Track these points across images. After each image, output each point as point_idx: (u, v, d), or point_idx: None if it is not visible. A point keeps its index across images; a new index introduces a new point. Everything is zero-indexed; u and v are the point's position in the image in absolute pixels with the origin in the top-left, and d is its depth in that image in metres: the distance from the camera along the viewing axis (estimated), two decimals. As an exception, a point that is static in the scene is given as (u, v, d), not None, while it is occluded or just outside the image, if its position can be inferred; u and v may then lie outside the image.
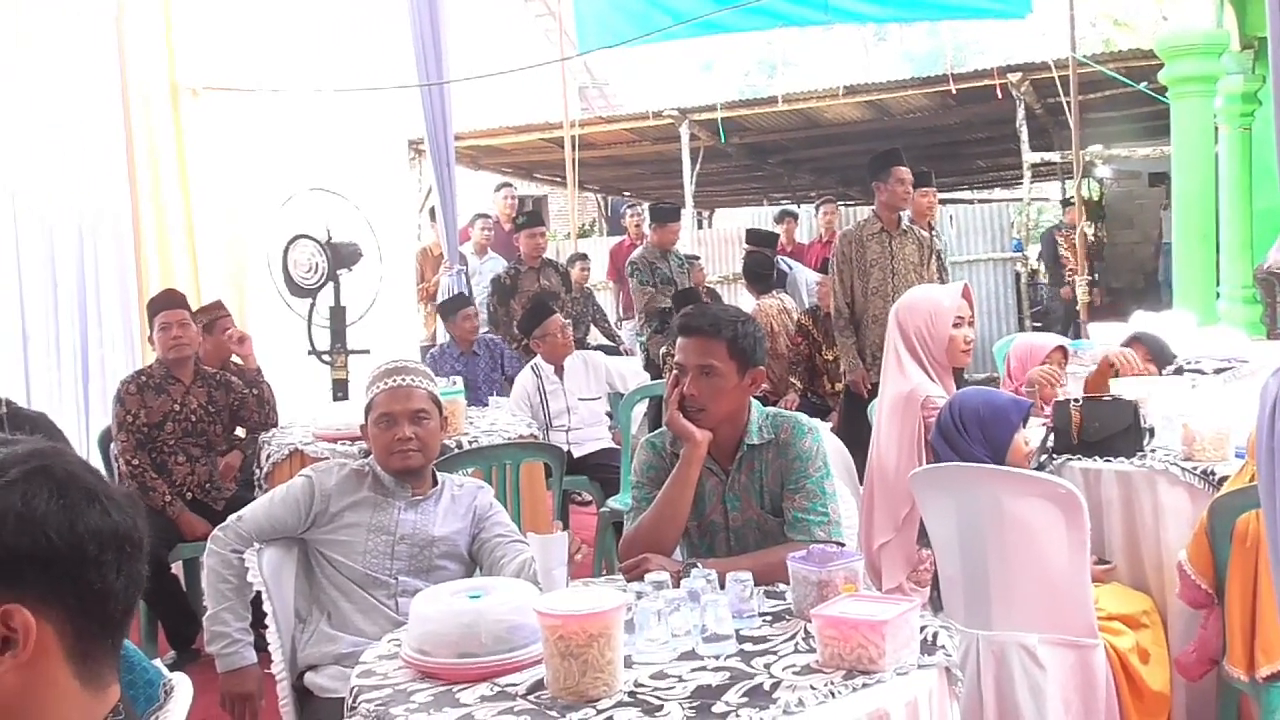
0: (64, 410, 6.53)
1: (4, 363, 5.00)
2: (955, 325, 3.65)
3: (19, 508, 1.16)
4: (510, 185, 10.70)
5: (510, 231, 9.21)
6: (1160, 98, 9.06)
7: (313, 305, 6.03)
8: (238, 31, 7.50)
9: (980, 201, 16.66)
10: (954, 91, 10.97)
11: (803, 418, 2.85)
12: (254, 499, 3.40)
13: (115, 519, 1.22)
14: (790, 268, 9.28)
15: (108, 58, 7.00)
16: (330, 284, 5.96)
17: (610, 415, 6.27)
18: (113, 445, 5.04)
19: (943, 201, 12.83)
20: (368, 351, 5.99)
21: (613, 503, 5.24)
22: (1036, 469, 3.34)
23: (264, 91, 7.52)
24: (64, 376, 6.88)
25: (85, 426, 6.81)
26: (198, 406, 4.94)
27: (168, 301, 5.09)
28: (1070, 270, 11.04)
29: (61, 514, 1.18)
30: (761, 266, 7.99)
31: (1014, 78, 10.59)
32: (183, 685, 1.62)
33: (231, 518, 2.92)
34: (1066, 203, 11.75)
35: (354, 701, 2.10)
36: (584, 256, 10.66)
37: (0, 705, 1.16)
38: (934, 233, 6.42)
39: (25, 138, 6.62)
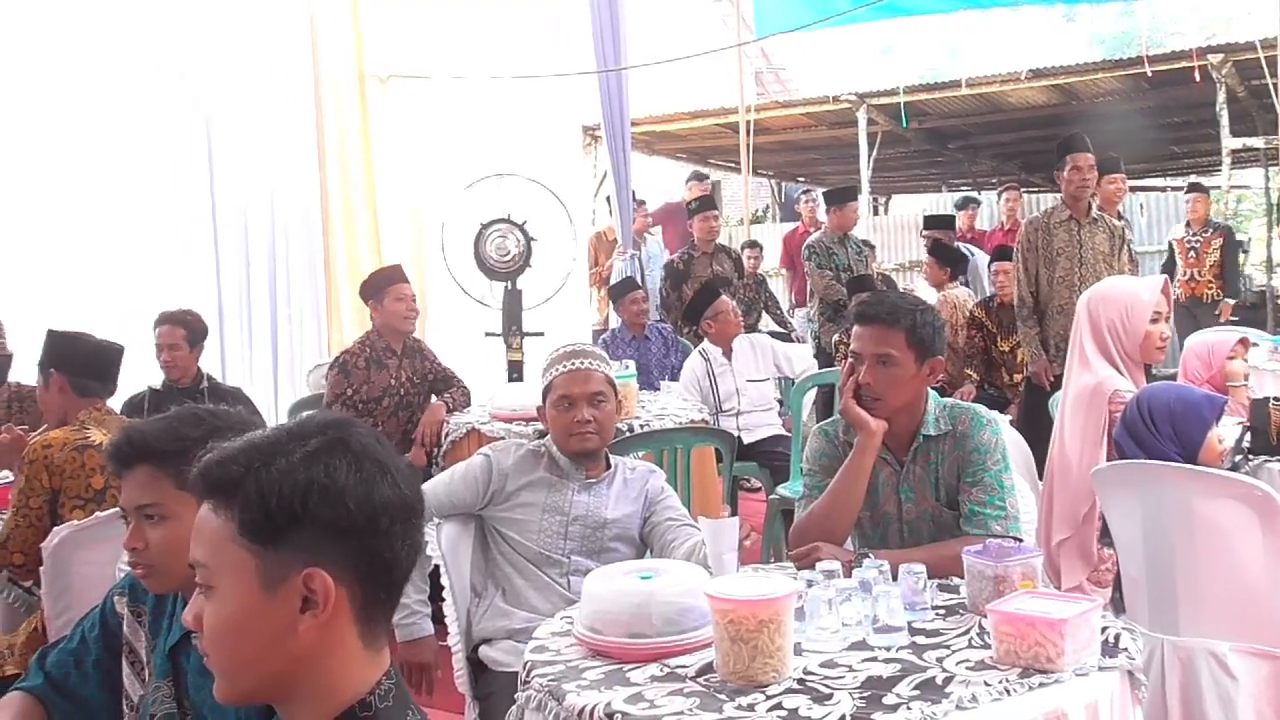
0: (256, 386, 6.85)
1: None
2: (1153, 320, 3.50)
3: (323, 479, 1.24)
4: (703, 176, 10.62)
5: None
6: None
7: (507, 288, 6.16)
8: (422, 20, 7.73)
9: (1174, 189, 15.92)
10: (1149, 74, 10.49)
11: (982, 409, 2.79)
12: (432, 476, 3.51)
13: (403, 491, 1.29)
14: (971, 254, 9.04)
15: (301, 48, 7.32)
16: (527, 268, 6.08)
17: (780, 402, 6.23)
18: None
19: (1134, 189, 12.30)
20: (542, 334, 6.11)
21: (782, 489, 5.22)
22: (1230, 469, 3.18)
23: (445, 78, 7.74)
24: (256, 353, 7.23)
25: (275, 402, 7.14)
26: (406, 379, 5.12)
27: (399, 274, 5.26)
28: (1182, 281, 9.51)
29: (360, 486, 1.25)
30: (949, 251, 7.79)
31: (1215, 59, 10.04)
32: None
33: (412, 493, 3.01)
34: (1194, 186, 9.76)
35: (527, 675, 2.15)
36: (755, 244, 10.62)
37: (296, 659, 1.25)
38: (1124, 222, 6.16)
39: (223, 124, 6.97)
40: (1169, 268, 9.65)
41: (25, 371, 4.49)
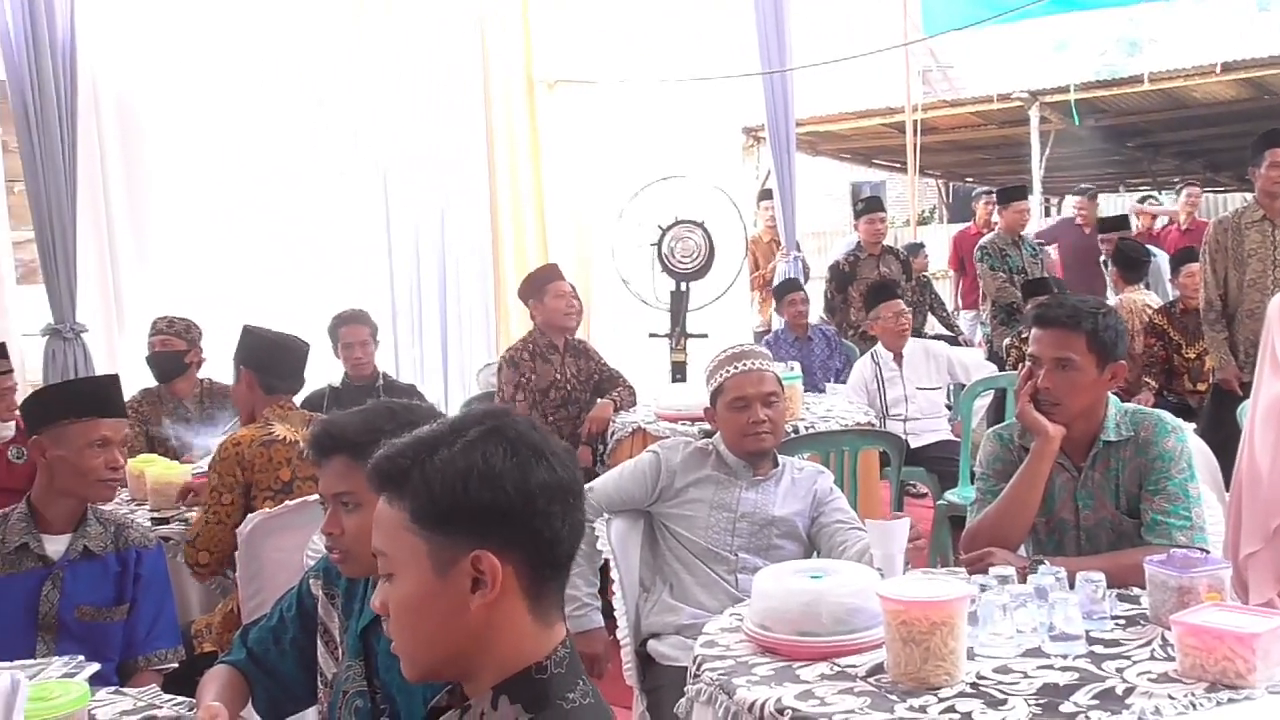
0: (427, 385, 7.05)
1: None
2: (1355, 326, 3.32)
3: (481, 466, 1.31)
4: (1087, 191, 10.08)
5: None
6: None
7: (686, 289, 6.20)
8: (588, 26, 7.85)
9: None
10: (1349, 65, 9.94)
11: (1166, 416, 2.70)
12: (599, 473, 3.58)
13: (560, 474, 1.35)
14: (1153, 254, 8.69)
15: (471, 55, 7.52)
16: (709, 268, 6.12)
17: (949, 407, 6.11)
18: None
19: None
20: (705, 336, 6.14)
21: (950, 495, 5.12)
22: None
23: (611, 83, 7.84)
24: (427, 353, 7.44)
25: (446, 400, 7.34)
26: (571, 375, 5.23)
27: (557, 273, 5.40)
28: None
29: (516, 470, 1.32)
30: (1135, 252, 7.50)
31: None
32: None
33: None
34: None
35: (697, 669, 2.18)
36: (921, 246, 10.44)
37: (472, 636, 1.33)
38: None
39: (398, 127, 7.20)
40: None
41: (218, 370, 4.72)
